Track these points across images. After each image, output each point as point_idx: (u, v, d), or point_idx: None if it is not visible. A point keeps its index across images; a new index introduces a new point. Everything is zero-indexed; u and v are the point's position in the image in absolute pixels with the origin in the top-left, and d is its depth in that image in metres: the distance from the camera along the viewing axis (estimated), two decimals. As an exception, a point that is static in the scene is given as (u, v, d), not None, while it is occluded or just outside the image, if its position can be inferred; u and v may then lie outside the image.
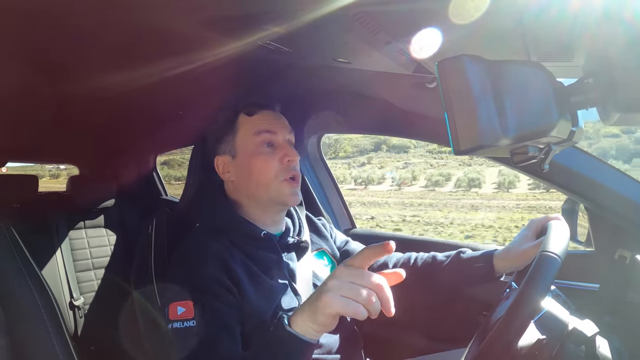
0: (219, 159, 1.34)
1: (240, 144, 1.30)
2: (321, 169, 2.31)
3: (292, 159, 1.29)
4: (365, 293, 0.86)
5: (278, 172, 1.27)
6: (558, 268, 0.90)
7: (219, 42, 1.18)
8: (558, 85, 0.75)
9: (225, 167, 1.33)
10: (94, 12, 1.00)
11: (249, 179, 1.29)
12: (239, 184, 1.32)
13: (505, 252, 1.29)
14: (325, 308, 0.88)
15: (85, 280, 2.73)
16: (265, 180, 1.27)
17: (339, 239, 1.60)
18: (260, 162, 1.27)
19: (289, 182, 1.28)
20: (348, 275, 0.89)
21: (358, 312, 0.86)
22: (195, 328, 1.08)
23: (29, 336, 1.25)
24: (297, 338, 0.92)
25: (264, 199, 1.29)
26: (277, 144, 1.30)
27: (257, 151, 1.28)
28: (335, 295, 0.87)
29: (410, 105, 1.63)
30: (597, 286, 1.44)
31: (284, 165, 1.28)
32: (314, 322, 0.91)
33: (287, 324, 0.94)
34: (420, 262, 1.44)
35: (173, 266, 1.27)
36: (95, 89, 1.59)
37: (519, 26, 0.90)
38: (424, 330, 1.78)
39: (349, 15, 0.94)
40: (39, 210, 2.75)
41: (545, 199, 24.91)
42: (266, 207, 1.32)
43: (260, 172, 1.27)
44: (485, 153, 0.76)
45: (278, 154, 1.28)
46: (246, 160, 1.29)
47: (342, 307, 0.86)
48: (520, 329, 0.87)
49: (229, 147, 1.32)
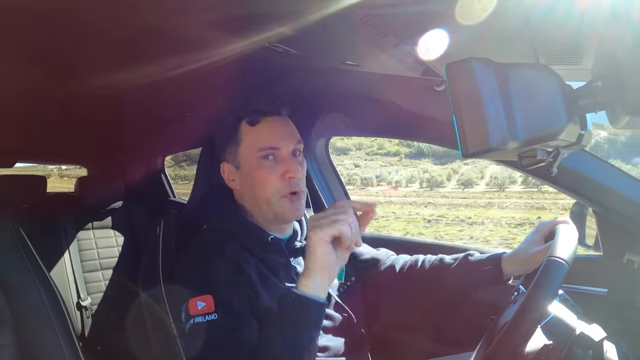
0: (225, 165, 1.33)
1: (243, 156, 1.28)
2: (329, 172, 2.31)
3: (294, 176, 1.24)
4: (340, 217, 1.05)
5: (279, 188, 1.24)
6: (565, 274, 0.90)
7: (226, 43, 1.17)
8: (567, 88, 0.74)
9: (231, 175, 1.32)
10: (101, 12, 1.00)
11: (252, 192, 1.27)
12: (244, 194, 1.31)
13: (513, 255, 1.28)
14: (322, 236, 1.04)
15: (93, 281, 2.74)
16: (266, 196, 1.24)
17: None
18: (260, 177, 1.24)
19: (289, 198, 1.25)
20: (325, 214, 1.08)
21: (344, 229, 1.04)
22: (217, 321, 1.08)
23: (36, 336, 1.26)
24: (309, 299, 1.03)
25: (267, 213, 1.27)
26: (280, 158, 1.26)
27: (258, 165, 1.25)
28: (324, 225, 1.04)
29: (418, 108, 1.63)
30: (605, 290, 1.43)
31: (285, 182, 1.24)
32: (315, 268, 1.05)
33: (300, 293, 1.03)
34: (427, 265, 1.43)
35: (183, 267, 1.27)
36: (102, 89, 1.60)
37: (527, 28, 0.90)
38: (431, 334, 1.77)
39: (356, 18, 0.95)
40: (47, 211, 2.77)
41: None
42: (268, 219, 1.30)
43: (260, 186, 1.24)
44: (493, 156, 0.76)
45: (279, 170, 1.24)
46: (248, 174, 1.26)
47: (333, 228, 1.04)
48: (527, 333, 0.86)
49: (232, 157, 1.30)
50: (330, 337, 1.28)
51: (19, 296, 1.28)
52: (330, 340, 1.27)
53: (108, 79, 1.48)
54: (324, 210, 1.09)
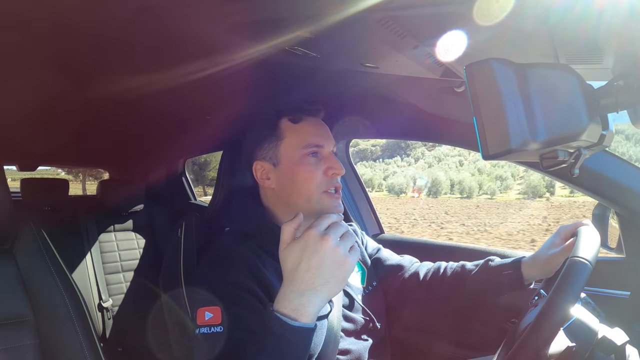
0: (259, 164, 1.30)
1: (285, 153, 1.27)
2: (350, 174, 2.31)
3: (338, 172, 1.25)
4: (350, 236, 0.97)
5: (321, 184, 1.24)
6: (588, 274, 0.89)
7: (246, 47, 1.18)
8: (587, 88, 0.73)
9: (265, 173, 1.30)
10: (124, 21, 1.02)
11: (291, 188, 1.26)
12: (280, 192, 1.29)
13: (533, 258, 1.28)
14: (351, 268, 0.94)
15: (114, 283, 2.78)
16: (308, 191, 1.24)
17: (370, 246, 1.60)
18: (304, 173, 1.24)
19: (330, 194, 1.25)
20: (335, 234, 0.95)
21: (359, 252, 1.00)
22: (222, 334, 1.07)
23: (58, 336, 1.28)
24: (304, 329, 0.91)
25: (304, 209, 1.24)
26: (323, 155, 1.27)
27: (302, 161, 1.25)
28: (348, 253, 0.94)
29: (438, 110, 1.62)
30: (628, 293, 1.41)
31: (328, 178, 1.25)
32: (326, 297, 0.93)
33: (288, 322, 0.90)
34: (449, 272, 1.44)
35: (199, 271, 1.27)
36: (123, 94, 1.62)
37: (546, 27, 0.89)
38: (452, 337, 1.76)
39: (374, 20, 0.95)
40: (70, 213, 2.82)
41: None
42: (305, 216, 1.29)
43: (303, 182, 1.24)
44: (515, 158, 0.76)
45: (323, 166, 1.25)
46: (290, 170, 1.26)
47: (356, 256, 0.96)
48: (550, 335, 0.86)
49: (271, 154, 1.28)
50: (352, 340, 1.28)
51: (41, 297, 1.30)
52: (351, 344, 1.27)
53: (129, 85, 1.50)
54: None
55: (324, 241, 0.91)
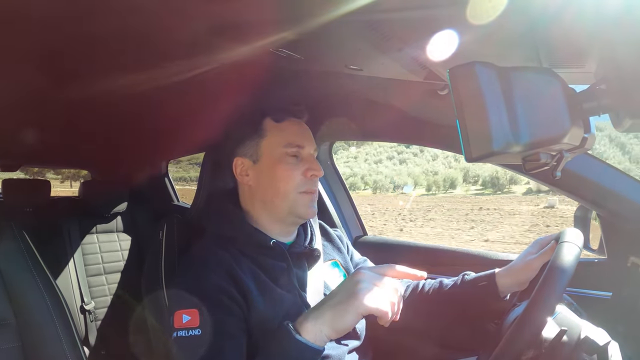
0: (239, 160, 1.30)
1: (266, 150, 1.27)
2: (332, 176, 2.31)
3: (317, 174, 1.27)
4: (391, 295, 0.96)
5: (299, 184, 1.25)
6: (578, 255, 0.92)
7: (229, 49, 1.18)
8: (570, 92, 0.74)
9: (244, 169, 1.30)
10: (106, 19, 1.01)
11: (268, 186, 1.26)
12: (256, 190, 1.29)
13: (507, 268, 1.29)
14: (359, 307, 0.93)
15: (97, 285, 2.75)
16: (285, 190, 1.24)
17: (356, 257, 1.59)
18: (283, 171, 1.24)
19: (307, 194, 1.26)
20: (373, 278, 0.97)
21: (387, 312, 0.94)
22: (200, 337, 1.05)
23: (40, 339, 1.26)
24: (308, 347, 0.93)
25: (279, 209, 1.26)
26: (303, 156, 1.28)
27: (282, 160, 1.25)
28: (367, 295, 0.94)
29: (422, 113, 1.63)
30: (610, 294, 1.43)
31: (306, 178, 1.26)
32: (332, 326, 0.95)
33: (295, 331, 0.95)
34: (427, 289, 1.45)
35: (178, 274, 1.26)
36: (106, 95, 1.60)
37: (530, 32, 0.90)
38: (435, 339, 1.77)
39: (360, 22, 0.95)
40: (52, 215, 2.78)
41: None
42: (280, 217, 1.29)
43: (281, 180, 1.24)
44: (497, 160, 0.76)
45: (302, 166, 1.26)
46: (269, 167, 1.26)
47: (376, 305, 0.93)
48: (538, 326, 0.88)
49: (252, 150, 1.29)
50: (332, 345, 1.26)
51: (23, 300, 1.28)
52: (333, 349, 1.24)
53: (111, 85, 1.48)
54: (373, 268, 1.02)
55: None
